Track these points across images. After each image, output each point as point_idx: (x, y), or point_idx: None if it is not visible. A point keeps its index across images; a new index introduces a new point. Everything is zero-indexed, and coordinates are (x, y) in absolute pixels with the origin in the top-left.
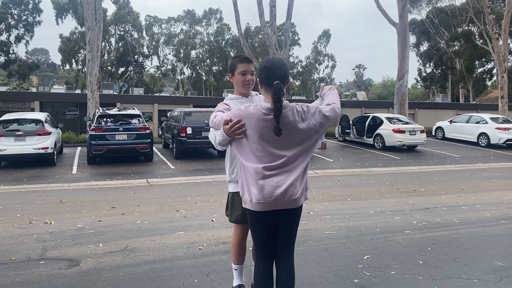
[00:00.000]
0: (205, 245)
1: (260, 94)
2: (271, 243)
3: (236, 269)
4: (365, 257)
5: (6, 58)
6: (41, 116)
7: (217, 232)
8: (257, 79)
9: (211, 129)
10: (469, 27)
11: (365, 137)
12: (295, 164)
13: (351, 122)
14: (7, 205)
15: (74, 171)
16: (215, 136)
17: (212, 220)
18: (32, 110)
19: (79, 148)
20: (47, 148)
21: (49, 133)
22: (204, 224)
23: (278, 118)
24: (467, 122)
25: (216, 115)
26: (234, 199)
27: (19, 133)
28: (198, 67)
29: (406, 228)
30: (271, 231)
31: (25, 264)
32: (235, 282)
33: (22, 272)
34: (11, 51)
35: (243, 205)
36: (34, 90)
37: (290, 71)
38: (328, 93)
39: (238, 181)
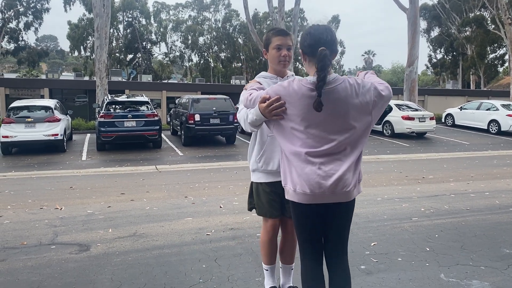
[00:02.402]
0: (213, 231)
1: (297, 76)
2: (319, 241)
3: (267, 270)
4: (372, 244)
5: (15, 45)
6: (51, 103)
7: (225, 218)
8: (300, 51)
9: (240, 107)
10: (481, 12)
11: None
12: (347, 151)
13: None
14: (18, 191)
15: (84, 157)
16: (247, 115)
17: (220, 207)
18: (42, 97)
19: (88, 135)
20: (57, 134)
21: (59, 120)
22: (212, 210)
23: (321, 90)
24: (478, 109)
25: (251, 93)
26: (259, 190)
27: (29, 120)
28: (206, 54)
29: (413, 215)
30: (318, 227)
31: (37, 248)
32: (267, 284)
33: (33, 256)
34: (21, 38)
35: (286, 196)
36: (43, 77)
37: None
38: (368, 76)
39: (280, 169)
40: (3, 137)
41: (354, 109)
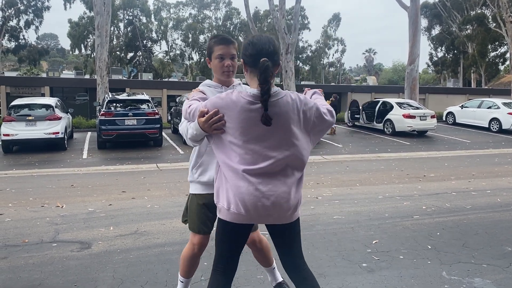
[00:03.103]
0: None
1: (245, 83)
2: (236, 259)
3: (182, 281)
4: (374, 242)
5: (16, 43)
6: (52, 101)
7: None
8: (241, 61)
9: (182, 119)
10: (482, 10)
11: (374, 122)
12: (288, 171)
13: (360, 107)
14: (19, 189)
15: (85, 155)
16: (187, 129)
17: None
18: (43, 95)
19: (89, 133)
20: (58, 133)
21: (60, 118)
22: None
23: (267, 103)
24: (479, 107)
25: (190, 104)
26: (193, 202)
27: (30, 118)
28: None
29: (415, 213)
30: (241, 246)
31: (38, 246)
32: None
33: (35, 254)
34: (21, 37)
35: (218, 214)
36: (44, 75)
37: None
38: (315, 97)
39: (214, 184)
40: (4, 135)
41: (294, 125)
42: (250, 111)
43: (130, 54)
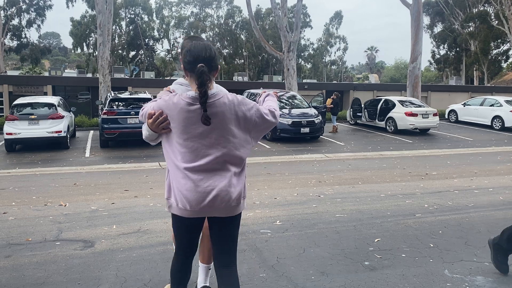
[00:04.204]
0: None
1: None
2: (194, 245)
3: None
4: (376, 240)
5: (18, 42)
6: (54, 100)
7: None
8: (181, 66)
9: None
10: (485, 8)
11: (377, 120)
12: (226, 166)
13: (362, 105)
14: (22, 188)
15: (87, 154)
16: (143, 129)
17: None
18: (45, 94)
19: (91, 132)
20: (60, 131)
21: (62, 117)
22: None
23: (205, 105)
24: (481, 105)
25: (144, 107)
26: None
27: (32, 117)
28: None
29: (417, 211)
30: (196, 235)
31: (41, 245)
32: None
33: (38, 252)
34: (23, 35)
35: (167, 209)
36: (46, 74)
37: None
38: (267, 98)
39: (166, 182)
40: (7, 134)
41: (231, 124)
42: (188, 111)
43: (132, 53)
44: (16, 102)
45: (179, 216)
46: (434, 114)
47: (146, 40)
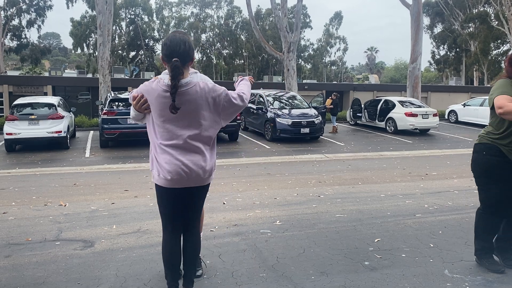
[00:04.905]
0: (216, 227)
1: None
2: (178, 217)
3: None
4: (376, 240)
5: (18, 42)
6: (54, 100)
7: (228, 214)
8: (160, 56)
9: None
10: (485, 8)
11: (377, 120)
12: (198, 144)
13: (362, 105)
14: (22, 188)
15: (87, 154)
16: (130, 111)
17: (224, 203)
18: (45, 94)
19: (91, 132)
20: (60, 131)
21: (62, 117)
22: (215, 207)
23: (174, 96)
24: (481, 105)
25: (132, 91)
26: None
27: (32, 117)
28: (208, 51)
29: (417, 211)
30: (178, 206)
31: (41, 244)
32: None
33: (38, 252)
34: (23, 36)
35: (152, 180)
36: (46, 74)
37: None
38: (241, 83)
39: (149, 156)
40: (7, 134)
41: (203, 109)
42: (164, 97)
43: (132, 53)
44: (16, 102)
45: (162, 187)
46: (434, 115)
47: (146, 40)
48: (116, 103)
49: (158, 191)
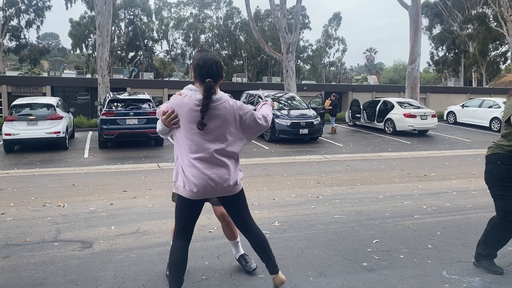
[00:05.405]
0: (215, 228)
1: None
2: (192, 226)
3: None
4: (374, 241)
5: (17, 43)
6: (53, 100)
7: None
8: (192, 74)
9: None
10: (483, 10)
11: (375, 121)
12: (223, 158)
13: (361, 106)
14: (21, 188)
15: (86, 155)
16: (157, 125)
17: None
18: (44, 94)
19: (90, 133)
20: (59, 132)
21: (61, 118)
22: None
23: (204, 113)
24: (480, 106)
25: (160, 106)
26: None
27: (31, 117)
28: None
29: (415, 212)
30: (196, 216)
31: (40, 245)
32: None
33: (37, 253)
34: (22, 36)
35: (174, 190)
36: (45, 74)
37: (223, 68)
38: (263, 106)
39: (174, 167)
40: (5, 134)
41: (230, 125)
42: (195, 111)
43: (131, 54)
44: (14, 102)
45: (185, 198)
46: (433, 116)
47: (145, 41)
48: (115, 103)
49: (182, 202)
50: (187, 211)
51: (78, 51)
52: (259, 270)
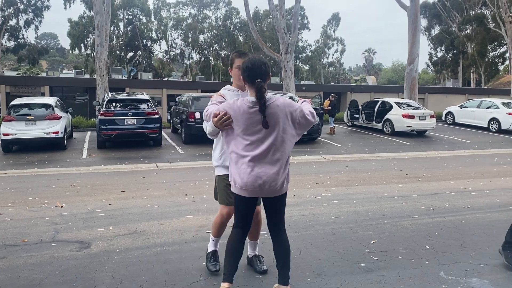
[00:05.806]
0: None
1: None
2: (250, 218)
3: (213, 240)
4: (372, 242)
5: (15, 43)
6: (51, 100)
7: None
8: (241, 77)
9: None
10: (482, 10)
11: (374, 122)
12: (276, 157)
13: (360, 107)
14: (19, 189)
15: (84, 155)
16: (207, 127)
17: None
18: (42, 94)
19: (88, 133)
20: (58, 132)
21: (59, 118)
22: (213, 208)
23: (264, 112)
24: (478, 107)
25: (208, 108)
26: (220, 181)
27: (29, 117)
28: (206, 52)
29: (413, 213)
30: (252, 209)
31: (38, 246)
32: (210, 248)
33: (34, 253)
34: (21, 36)
35: (231, 189)
36: (44, 74)
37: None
38: (303, 104)
39: (229, 167)
40: (3, 134)
41: (282, 122)
42: (249, 113)
43: (130, 54)
44: (13, 102)
45: (238, 195)
46: (431, 116)
47: (144, 41)
48: (114, 103)
49: (237, 198)
50: (242, 206)
51: (76, 51)
52: (257, 271)
